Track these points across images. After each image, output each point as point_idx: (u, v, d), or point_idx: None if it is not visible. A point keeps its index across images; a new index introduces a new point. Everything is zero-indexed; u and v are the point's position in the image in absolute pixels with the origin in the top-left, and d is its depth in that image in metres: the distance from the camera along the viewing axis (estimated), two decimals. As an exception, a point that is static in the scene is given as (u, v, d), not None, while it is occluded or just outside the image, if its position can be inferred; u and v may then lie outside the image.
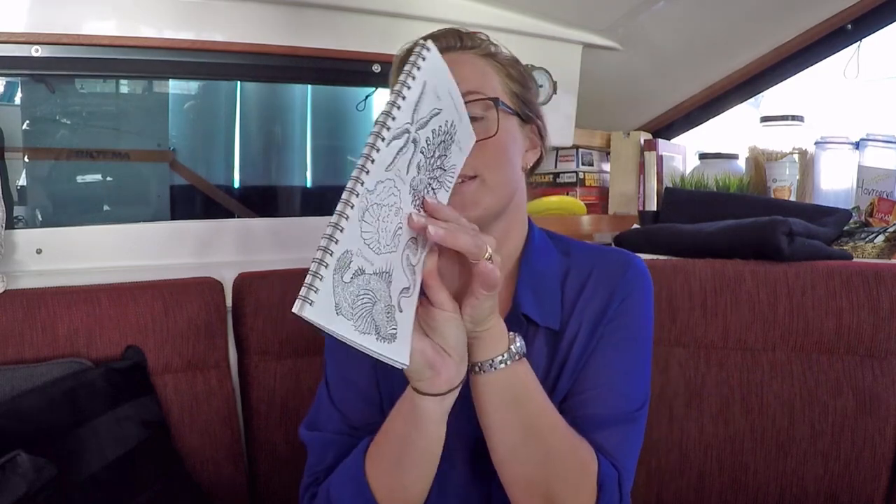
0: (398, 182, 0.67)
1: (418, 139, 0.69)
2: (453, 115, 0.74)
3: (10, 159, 1.87)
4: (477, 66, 0.93)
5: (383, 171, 0.66)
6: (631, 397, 0.92)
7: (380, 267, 0.66)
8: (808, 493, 1.33)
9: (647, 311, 0.96)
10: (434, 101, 0.70)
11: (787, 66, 1.82)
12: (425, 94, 0.68)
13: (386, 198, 0.66)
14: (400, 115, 0.67)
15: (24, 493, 1.02)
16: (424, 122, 0.69)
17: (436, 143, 0.71)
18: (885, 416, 1.30)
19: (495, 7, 1.68)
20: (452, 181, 0.76)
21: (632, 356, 0.94)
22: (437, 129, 0.71)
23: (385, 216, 0.66)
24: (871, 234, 1.52)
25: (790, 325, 1.34)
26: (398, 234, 0.68)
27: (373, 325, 0.65)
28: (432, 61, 0.70)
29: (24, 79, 1.88)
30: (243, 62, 1.50)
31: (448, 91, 0.73)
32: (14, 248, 1.35)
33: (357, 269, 0.63)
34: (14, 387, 1.16)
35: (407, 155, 0.68)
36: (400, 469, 0.83)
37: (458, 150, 0.76)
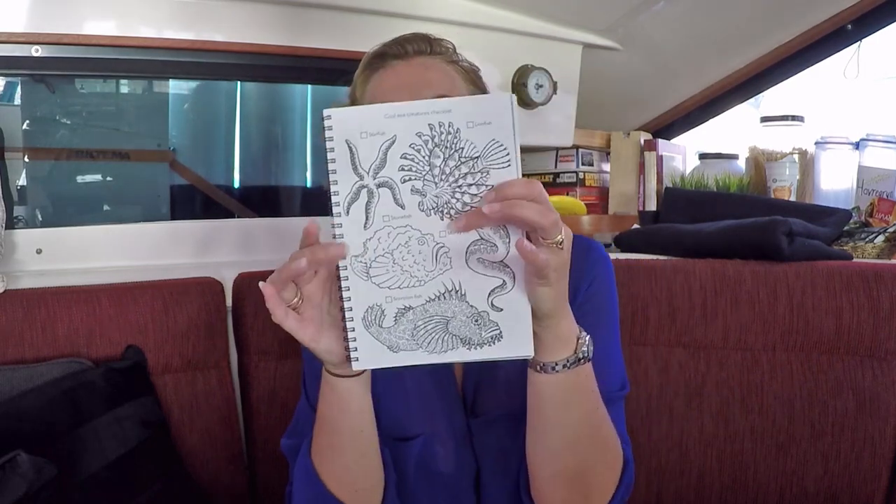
0: (398, 221, 0.68)
1: (388, 178, 0.68)
2: (431, 119, 0.68)
3: (10, 159, 1.86)
4: (446, 71, 0.95)
5: (363, 231, 0.68)
6: (613, 376, 0.93)
7: (435, 291, 0.69)
8: (808, 493, 1.33)
9: (611, 294, 0.99)
10: (374, 139, 0.67)
11: (787, 66, 1.82)
12: (355, 145, 0.67)
13: (391, 242, 0.68)
14: (342, 184, 0.68)
15: (24, 493, 1.02)
16: (380, 160, 0.68)
17: (426, 155, 0.68)
18: (885, 416, 1.30)
19: (495, 7, 1.68)
20: (508, 159, 0.68)
21: (606, 337, 0.95)
22: (409, 151, 0.68)
23: (405, 255, 0.69)
24: (871, 234, 1.52)
25: (790, 325, 1.34)
26: (440, 256, 0.69)
27: (455, 339, 0.70)
28: (338, 119, 0.68)
29: (24, 79, 1.87)
30: (243, 62, 1.50)
31: (390, 114, 0.68)
32: (14, 248, 1.35)
33: (400, 310, 0.69)
34: (14, 387, 1.16)
35: (386, 199, 0.68)
36: (338, 453, 0.84)
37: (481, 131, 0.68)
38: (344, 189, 0.68)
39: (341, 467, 0.85)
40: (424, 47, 0.96)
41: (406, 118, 0.67)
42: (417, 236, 0.68)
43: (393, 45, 0.96)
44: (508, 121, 0.67)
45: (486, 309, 0.69)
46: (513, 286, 0.69)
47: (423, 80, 0.94)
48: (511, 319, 0.70)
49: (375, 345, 0.69)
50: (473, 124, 0.67)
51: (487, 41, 1.71)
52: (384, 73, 0.95)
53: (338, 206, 0.68)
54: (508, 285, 0.69)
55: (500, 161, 0.67)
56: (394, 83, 0.94)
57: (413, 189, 0.68)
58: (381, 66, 0.96)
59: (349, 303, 0.69)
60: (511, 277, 0.69)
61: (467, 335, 0.69)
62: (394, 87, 0.94)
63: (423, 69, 0.95)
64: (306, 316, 0.73)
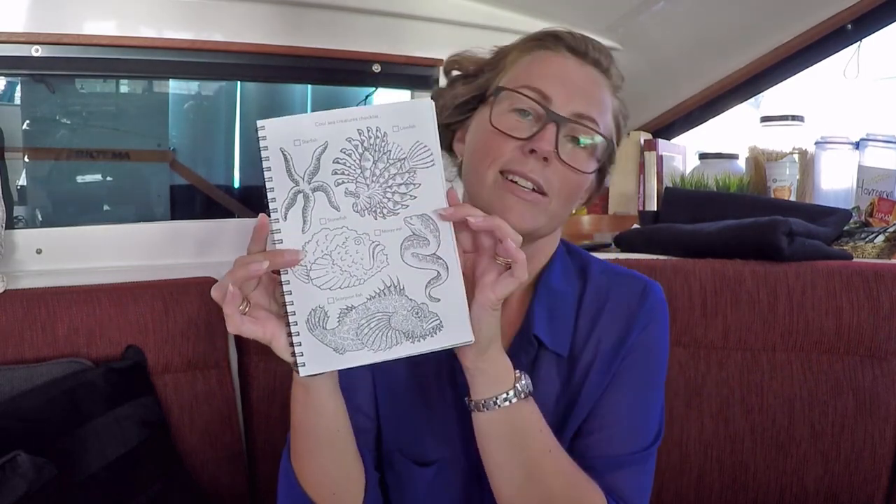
0: (334, 223, 0.71)
1: (323, 182, 0.70)
2: (359, 125, 0.71)
3: (10, 159, 1.87)
4: (606, 100, 0.89)
5: (301, 235, 0.70)
6: (645, 435, 0.89)
7: (375, 289, 0.71)
8: (808, 493, 1.33)
9: (663, 343, 0.93)
10: (307, 146, 0.70)
11: (787, 66, 1.82)
12: (289, 152, 0.70)
13: (328, 244, 0.71)
14: (278, 191, 0.70)
15: (24, 493, 1.02)
16: (313, 165, 0.70)
17: (357, 159, 0.71)
18: (885, 416, 1.30)
19: (495, 7, 1.68)
20: (432, 158, 0.73)
21: (648, 393, 0.90)
22: (340, 156, 0.71)
23: (343, 255, 0.71)
24: (871, 234, 1.52)
25: (790, 325, 1.34)
26: (377, 253, 0.71)
27: (398, 335, 0.72)
28: (272, 129, 0.70)
29: (24, 79, 1.88)
30: (243, 62, 1.50)
31: (321, 122, 0.71)
32: (14, 248, 1.35)
33: (343, 310, 0.71)
34: (14, 387, 1.16)
35: (322, 202, 0.70)
36: (315, 456, 0.82)
37: (406, 134, 0.73)
38: (281, 195, 0.70)
39: (320, 471, 0.83)
40: (604, 62, 0.90)
41: (336, 125, 0.70)
42: (354, 236, 0.71)
43: (573, 37, 0.90)
44: (430, 124, 0.71)
45: (425, 301, 0.72)
46: (447, 276, 0.72)
47: (591, 94, 0.88)
48: (449, 308, 0.72)
49: (321, 348, 0.71)
50: (398, 128, 0.71)
51: (487, 41, 1.70)
52: (554, 58, 0.89)
53: (276, 212, 0.70)
54: (443, 276, 0.72)
55: (425, 161, 0.71)
56: (556, 75, 0.87)
57: (347, 191, 0.70)
58: (552, 48, 0.89)
59: (292, 307, 0.70)
60: (445, 268, 0.72)
61: (409, 329, 0.72)
62: (553, 79, 0.87)
63: (594, 83, 0.89)
64: (259, 317, 0.72)
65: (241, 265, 0.70)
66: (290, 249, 0.70)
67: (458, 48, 0.98)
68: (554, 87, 0.85)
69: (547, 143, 0.82)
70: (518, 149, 0.84)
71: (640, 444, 0.87)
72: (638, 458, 0.87)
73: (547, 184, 0.83)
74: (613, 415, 0.88)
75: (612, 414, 0.88)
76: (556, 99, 0.85)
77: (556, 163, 0.83)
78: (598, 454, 0.86)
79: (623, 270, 0.97)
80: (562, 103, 0.85)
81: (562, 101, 0.85)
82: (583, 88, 0.87)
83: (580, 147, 0.86)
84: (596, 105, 0.87)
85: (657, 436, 0.90)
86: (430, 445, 0.91)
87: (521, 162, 0.83)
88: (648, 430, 0.89)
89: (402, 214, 0.71)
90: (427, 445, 0.91)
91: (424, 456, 0.91)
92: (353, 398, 0.89)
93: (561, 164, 0.84)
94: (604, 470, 0.85)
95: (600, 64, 0.89)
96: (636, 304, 0.91)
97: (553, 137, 0.83)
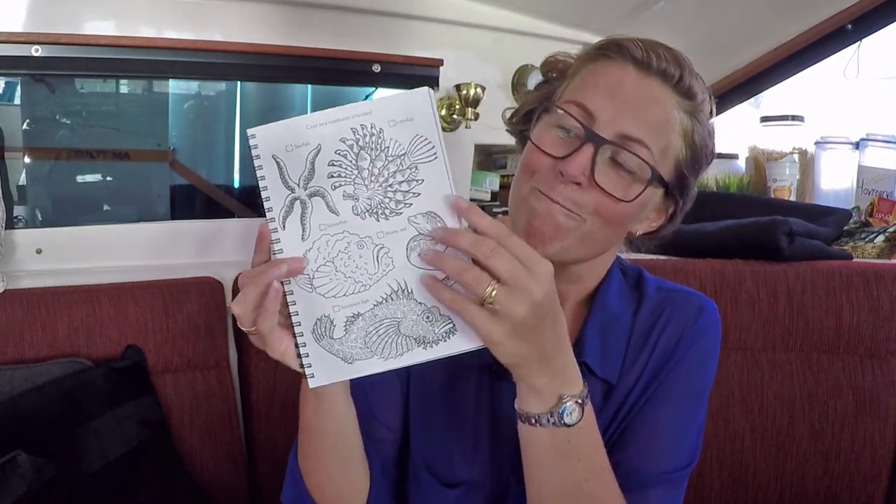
0: (334, 228, 0.67)
1: (319, 187, 0.67)
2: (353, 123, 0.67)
3: (10, 159, 1.86)
4: (670, 119, 0.79)
5: (301, 243, 0.67)
6: (681, 455, 0.84)
7: (381, 294, 0.68)
8: (808, 493, 1.33)
9: (711, 363, 0.87)
10: (300, 151, 0.67)
11: (787, 66, 1.82)
12: (282, 159, 0.67)
13: (330, 251, 0.67)
14: (274, 200, 0.67)
15: (24, 493, 1.02)
16: (308, 170, 0.67)
17: (353, 159, 0.67)
18: (885, 416, 1.30)
19: (495, 7, 1.68)
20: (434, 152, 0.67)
21: (688, 411, 0.85)
22: (335, 157, 0.67)
23: (346, 261, 0.67)
24: (871, 234, 1.52)
25: (790, 325, 1.34)
26: (381, 257, 0.67)
27: (409, 341, 0.68)
28: (263, 137, 0.67)
29: (24, 79, 1.87)
30: (243, 62, 1.50)
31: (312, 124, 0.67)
32: (14, 248, 1.35)
33: (349, 318, 0.68)
34: (14, 387, 1.16)
35: (320, 208, 0.67)
36: (320, 458, 0.80)
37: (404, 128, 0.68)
38: (277, 204, 0.67)
39: (324, 473, 0.81)
40: (673, 72, 0.80)
41: (328, 125, 0.66)
42: (356, 240, 0.67)
43: (638, 46, 0.80)
44: (429, 114, 0.66)
45: (436, 304, 0.67)
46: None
47: (645, 112, 0.78)
48: None
49: (329, 358, 0.68)
50: (395, 122, 0.66)
51: (487, 41, 1.71)
52: (612, 69, 0.80)
53: (273, 221, 0.67)
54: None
55: (427, 155, 0.67)
56: (607, 88, 0.79)
57: (345, 194, 0.67)
58: (614, 57, 0.81)
59: (297, 317, 0.68)
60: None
61: (421, 334, 0.68)
62: (603, 93, 0.79)
63: (652, 100, 0.79)
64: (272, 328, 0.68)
65: (251, 282, 0.67)
66: (292, 258, 0.67)
67: (458, 48, 0.96)
68: (601, 103, 0.78)
69: (576, 167, 0.76)
70: (550, 168, 0.78)
71: (673, 464, 0.83)
72: (673, 477, 0.83)
73: (579, 208, 0.77)
74: (651, 430, 0.83)
75: (647, 429, 0.83)
76: (602, 116, 0.78)
77: (592, 187, 0.77)
78: (632, 469, 0.81)
79: (679, 288, 0.91)
80: (606, 121, 0.77)
81: (606, 119, 0.77)
82: (635, 105, 0.78)
83: (623, 172, 0.78)
84: (649, 126, 0.78)
85: (691, 458, 0.85)
86: (459, 466, 0.87)
87: (550, 183, 0.78)
88: (684, 450, 0.84)
89: (405, 214, 0.67)
90: (456, 466, 0.87)
91: (452, 476, 0.87)
92: (377, 409, 0.87)
93: (597, 189, 0.77)
94: (637, 486, 0.81)
95: (668, 76, 0.79)
96: (689, 321, 0.86)
97: (587, 160, 0.76)
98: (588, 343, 0.84)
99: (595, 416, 0.79)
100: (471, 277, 0.63)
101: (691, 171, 0.84)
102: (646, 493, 0.81)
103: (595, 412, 0.82)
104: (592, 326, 0.85)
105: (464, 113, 1.64)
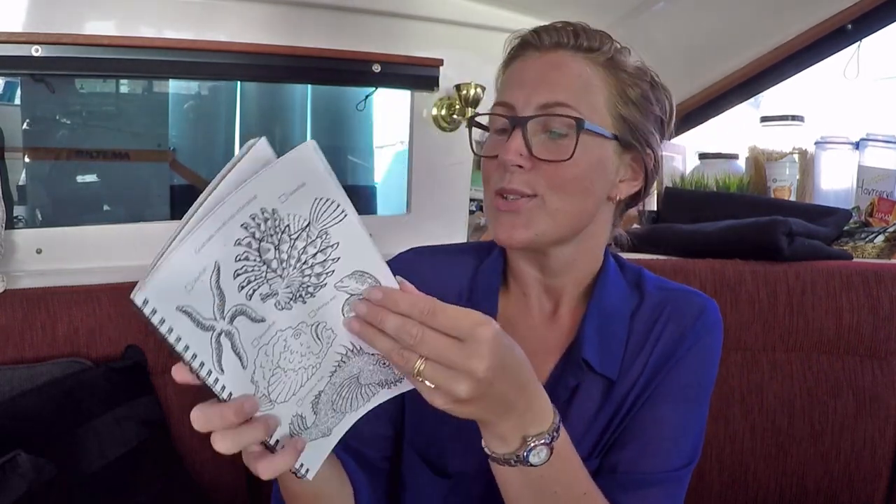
0: (266, 336, 0.61)
1: (236, 306, 0.58)
2: (240, 219, 0.57)
3: (10, 159, 1.86)
4: (581, 75, 0.81)
5: (244, 373, 0.61)
6: (681, 454, 0.84)
7: (333, 364, 0.64)
8: (808, 493, 1.33)
9: (712, 362, 0.87)
10: (200, 283, 0.56)
11: (787, 66, 1.82)
12: (187, 304, 0.56)
13: (272, 359, 0.62)
14: (200, 350, 0.58)
15: (24, 493, 1.02)
16: (217, 297, 0.58)
17: (256, 257, 0.58)
18: (885, 416, 1.30)
19: (495, 7, 1.68)
20: (341, 209, 0.60)
21: (688, 410, 0.84)
22: (238, 266, 0.58)
23: (289, 358, 0.62)
24: (871, 234, 1.52)
25: (790, 325, 1.34)
26: (321, 332, 0.63)
27: (372, 387, 0.66)
28: (155, 295, 0.55)
29: (24, 79, 1.87)
30: (243, 62, 1.50)
31: (197, 247, 0.56)
32: (14, 248, 1.35)
33: (313, 402, 0.65)
34: (14, 387, 1.16)
35: (245, 326, 0.59)
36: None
37: (298, 197, 0.59)
38: (204, 352, 0.58)
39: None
40: (566, 39, 0.83)
41: (216, 236, 0.56)
42: (291, 333, 0.62)
43: (532, 32, 0.85)
44: (321, 171, 0.58)
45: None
46: None
47: (546, 80, 0.81)
48: None
49: (312, 446, 0.66)
50: (286, 195, 0.57)
51: (487, 41, 1.70)
52: (517, 66, 0.85)
53: (210, 373, 0.59)
54: None
55: (334, 217, 0.60)
56: (516, 80, 0.84)
57: (263, 296, 0.59)
58: (519, 55, 0.86)
59: (273, 438, 0.64)
60: None
61: (381, 378, 0.66)
62: (514, 85, 0.83)
63: (555, 66, 0.82)
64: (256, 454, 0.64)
65: (225, 443, 0.62)
66: (239, 404, 0.60)
67: (458, 48, 0.97)
68: (514, 93, 0.82)
69: (510, 151, 0.79)
70: (498, 166, 0.81)
71: (675, 463, 0.83)
72: (672, 477, 0.82)
73: (532, 186, 0.79)
74: (651, 429, 0.83)
75: (649, 428, 0.83)
76: (518, 102, 0.81)
77: (537, 163, 0.80)
78: (631, 469, 0.82)
79: (680, 287, 0.91)
80: (524, 104, 0.81)
81: (523, 102, 0.81)
82: (541, 79, 0.81)
83: (559, 136, 0.80)
84: (563, 88, 0.80)
85: (693, 457, 0.85)
86: (453, 457, 0.87)
87: (501, 178, 0.81)
88: (683, 450, 0.84)
89: (330, 283, 0.61)
90: (448, 457, 0.87)
91: (445, 466, 0.88)
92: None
93: (540, 162, 0.79)
94: (634, 486, 0.80)
95: (563, 44, 0.83)
96: (690, 320, 0.86)
97: (519, 142, 0.79)
98: (587, 339, 0.84)
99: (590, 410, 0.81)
100: (396, 357, 0.60)
101: (641, 117, 0.84)
102: (645, 492, 0.81)
103: (595, 410, 0.84)
104: (591, 323, 0.85)
105: (464, 113, 1.64)
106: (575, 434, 0.82)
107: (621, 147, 0.83)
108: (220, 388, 0.60)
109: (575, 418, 0.84)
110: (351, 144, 2.72)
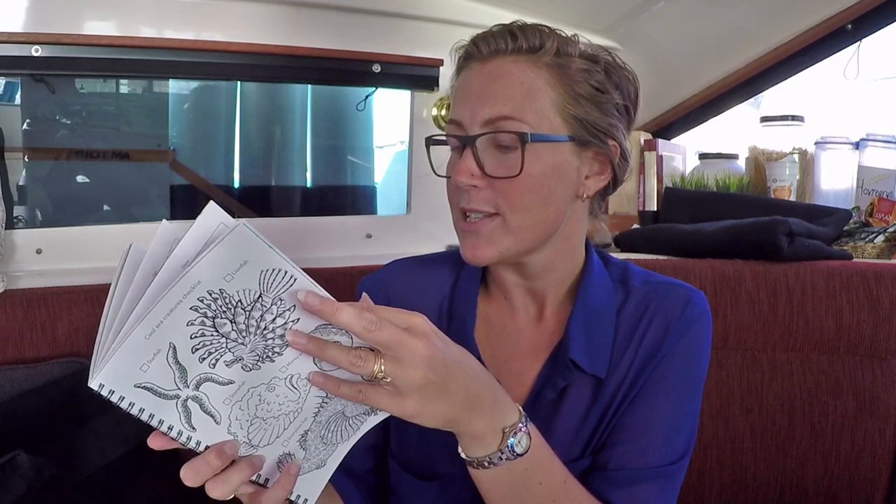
0: (238, 394, 0.63)
1: (199, 375, 0.61)
2: (187, 303, 0.59)
3: (10, 159, 1.87)
4: (523, 82, 0.79)
5: (218, 427, 0.63)
6: (672, 449, 0.82)
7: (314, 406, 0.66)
8: (808, 493, 1.33)
9: (702, 354, 0.86)
10: (157, 361, 0.59)
11: (787, 66, 1.82)
12: (147, 381, 0.59)
13: (248, 411, 0.64)
14: (167, 416, 0.60)
15: (24, 493, 1.02)
16: (178, 370, 0.60)
17: (213, 333, 0.60)
18: (885, 416, 1.30)
19: (495, 7, 1.68)
20: (290, 276, 0.62)
21: (679, 404, 0.83)
22: (195, 343, 0.60)
23: (267, 408, 0.64)
24: (871, 234, 1.52)
25: (790, 325, 1.34)
26: (296, 382, 0.65)
27: (359, 418, 0.69)
28: (112, 379, 0.59)
29: (24, 79, 1.88)
30: (243, 62, 1.50)
31: (148, 332, 0.59)
32: (14, 248, 1.35)
33: (300, 440, 0.67)
34: (14, 387, 1.16)
35: (213, 390, 0.62)
36: None
37: (243, 274, 0.61)
38: (172, 417, 0.60)
39: None
40: (504, 45, 0.80)
41: (165, 322, 0.58)
42: (264, 388, 0.63)
43: (471, 42, 0.83)
44: (260, 246, 0.60)
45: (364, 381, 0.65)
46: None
47: (487, 93, 0.79)
48: None
49: (307, 478, 0.68)
50: (231, 275, 0.59)
51: (487, 41, 1.71)
52: (462, 79, 0.84)
53: (179, 432, 0.61)
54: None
55: (284, 283, 0.61)
56: (462, 94, 0.82)
57: (226, 363, 0.61)
58: (464, 67, 0.84)
59: (261, 477, 0.66)
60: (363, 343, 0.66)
61: (367, 408, 0.68)
62: (460, 100, 0.82)
63: (495, 78, 0.79)
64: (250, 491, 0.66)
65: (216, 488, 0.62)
66: (220, 449, 0.61)
67: (460, 48, 0.96)
68: (461, 110, 0.81)
69: (462, 172, 0.78)
70: (455, 187, 0.81)
71: (666, 458, 0.82)
72: (663, 472, 0.81)
73: (492, 204, 0.79)
74: (640, 425, 0.82)
75: (639, 424, 0.82)
76: (465, 119, 0.80)
77: (492, 180, 0.79)
78: (621, 466, 0.81)
79: (666, 280, 0.90)
80: (470, 120, 0.80)
81: (469, 119, 0.80)
82: (483, 92, 0.79)
83: (507, 151, 0.78)
84: (505, 99, 0.78)
85: (685, 451, 0.84)
86: (439, 460, 0.86)
87: (460, 199, 0.81)
88: (676, 444, 0.83)
89: None
90: (436, 460, 0.87)
91: (433, 469, 0.87)
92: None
93: (494, 179, 0.78)
94: (625, 483, 0.80)
95: (502, 50, 0.80)
96: (675, 312, 0.84)
97: (469, 163, 0.78)
98: (573, 339, 0.83)
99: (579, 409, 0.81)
100: (353, 358, 0.62)
101: (597, 111, 0.81)
102: (635, 489, 0.80)
103: (585, 409, 0.83)
104: (576, 322, 0.84)
105: (464, 113, 1.64)
106: (566, 433, 0.83)
107: (579, 146, 0.81)
108: (194, 444, 0.62)
109: (565, 418, 0.84)
110: (351, 144, 2.72)
